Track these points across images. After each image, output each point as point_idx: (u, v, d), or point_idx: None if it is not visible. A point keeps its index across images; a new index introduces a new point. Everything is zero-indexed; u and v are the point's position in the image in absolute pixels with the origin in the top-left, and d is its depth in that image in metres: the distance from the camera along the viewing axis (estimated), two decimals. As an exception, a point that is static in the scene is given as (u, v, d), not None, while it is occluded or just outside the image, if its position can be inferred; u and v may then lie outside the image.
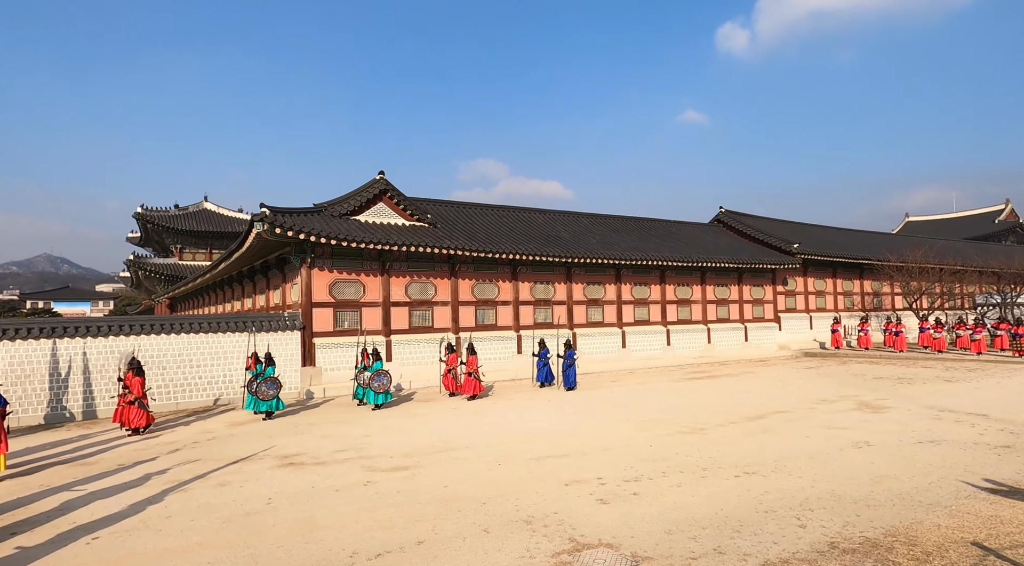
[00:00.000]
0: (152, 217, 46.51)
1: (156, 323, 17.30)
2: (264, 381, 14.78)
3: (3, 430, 9.74)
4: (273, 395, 14.82)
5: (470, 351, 17.56)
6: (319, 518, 7.19)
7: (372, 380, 15.72)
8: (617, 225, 31.82)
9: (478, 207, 28.11)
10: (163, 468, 9.91)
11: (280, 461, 10.23)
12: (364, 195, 22.04)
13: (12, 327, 15.62)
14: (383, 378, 15.84)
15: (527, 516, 7.04)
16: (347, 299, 20.65)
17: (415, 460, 10.01)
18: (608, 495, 7.76)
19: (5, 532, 6.99)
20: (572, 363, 19.02)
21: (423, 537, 6.46)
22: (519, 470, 9.18)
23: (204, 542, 6.50)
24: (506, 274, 24.26)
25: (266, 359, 15.62)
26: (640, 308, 28.11)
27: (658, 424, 12.71)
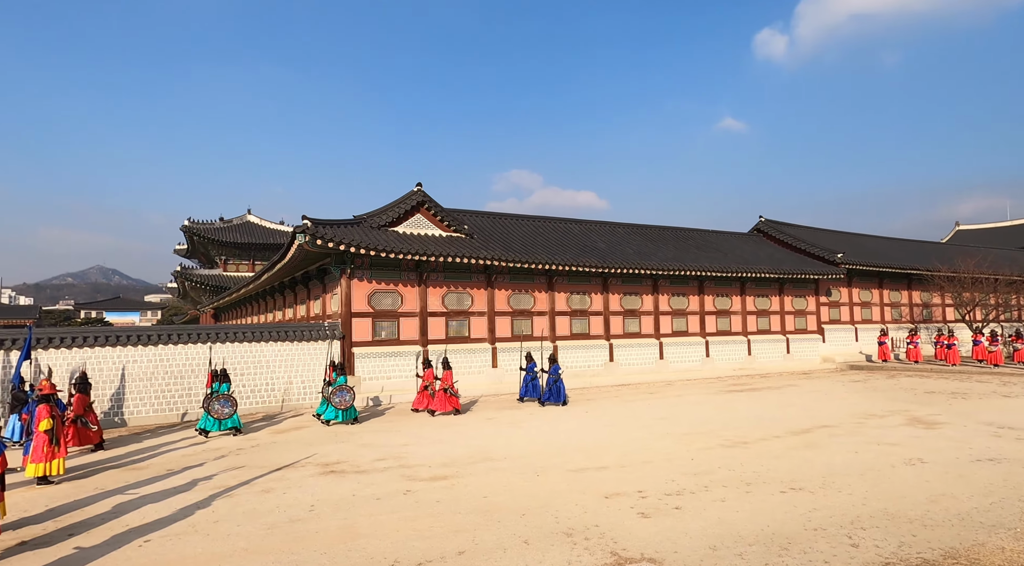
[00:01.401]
0: (198, 229, 48.05)
1: (201, 332, 17.82)
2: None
3: (63, 435, 10.14)
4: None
5: (444, 366, 16.97)
6: (361, 526, 7.25)
7: (333, 395, 15.10)
8: (654, 235, 31.51)
9: (514, 217, 28.22)
10: (210, 474, 10.16)
11: (322, 469, 10.38)
12: (402, 206, 22.36)
13: (69, 335, 16.31)
14: (345, 394, 15.18)
15: (567, 528, 6.97)
16: (385, 309, 20.93)
17: (453, 470, 10.03)
18: (649, 509, 7.63)
19: (63, 533, 7.26)
20: (558, 378, 18.18)
21: (463, 547, 6.46)
22: (558, 482, 9.11)
23: (250, 547, 6.62)
24: (542, 284, 24.24)
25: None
26: (678, 319, 27.70)
27: (699, 437, 12.47)
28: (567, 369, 23.95)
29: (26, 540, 7.03)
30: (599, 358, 25.03)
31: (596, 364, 24.87)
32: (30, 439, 10.14)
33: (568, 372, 23.89)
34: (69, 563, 6.27)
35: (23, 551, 6.66)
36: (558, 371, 18.26)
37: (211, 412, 13.97)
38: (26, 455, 10.18)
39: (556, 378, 18.09)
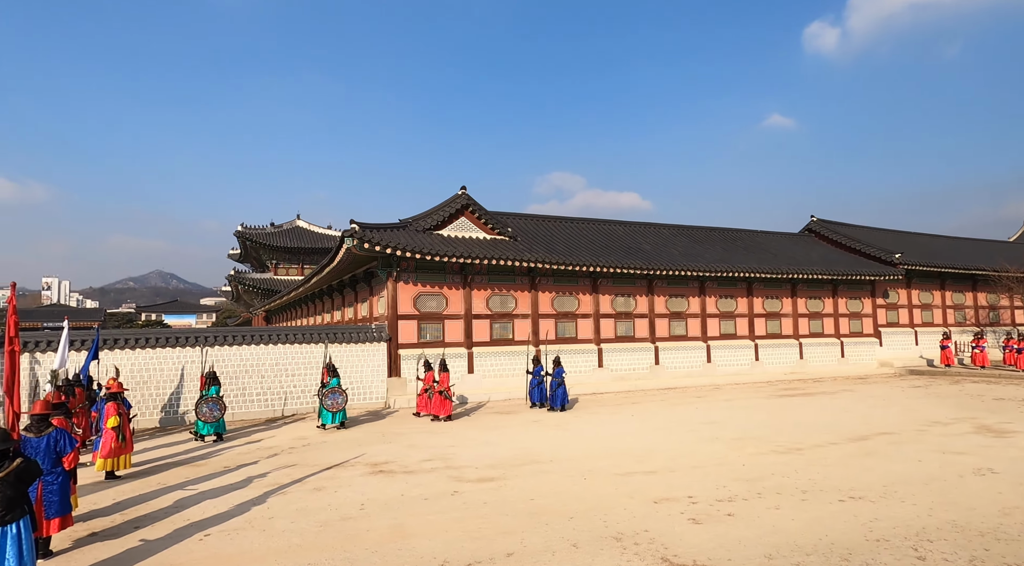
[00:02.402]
0: (250, 235, 49.65)
1: (255, 334, 18.39)
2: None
3: (129, 431, 10.61)
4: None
5: (442, 368, 16.74)
6: (410, 526, 7.34)
7: (326, 397, 15.08)
8: (700, 236, 30.93)
9: (557, 219, 28.14)
10: (263, 472, 10.46)
11: (371, 468, 10.56)
12: (446, 210, 22.59)
13: (132, 337, 17.08)
14: (337, 396, 15.12)
15: (616, 533, 6.89)
16: (430, 311, 21.16)
17: (500, 472, 10.05)
18: (700, 515, 7.47)
19: (130, 525, 7.59)
20: (562, 381, 17.74)
21: (512, 549, 6.45)
22: (605, 485, 9.01)
23: (304, 544, 6.78)
24: (586, 287, 24.09)
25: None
26: (726, 322, 27.08)
27: (750, 442, 12.15)
28: (611, 372, 23.75)
29: (96, 531, 7.38)
30: (644, 361, 24.69)
31: (641, 367, 24.54)
32: (99, 436, 10.64)
33: (612, 375, 23.69)
34: (135, 554, 6.54)
35: (94, 542, 7.00)
36: (562, 374, 17.80)
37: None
38: (95, 451, 10.68)
39: (560, 382, 17.63)
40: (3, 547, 5.17)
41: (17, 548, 5.24)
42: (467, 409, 18.41)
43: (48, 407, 7.35)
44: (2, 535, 5.19)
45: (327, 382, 15.50)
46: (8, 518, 5.25)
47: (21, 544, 5.28)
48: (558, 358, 18.48)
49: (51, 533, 6.70)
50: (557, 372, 17.78)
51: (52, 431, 7.02)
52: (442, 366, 16.77)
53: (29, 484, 5.54)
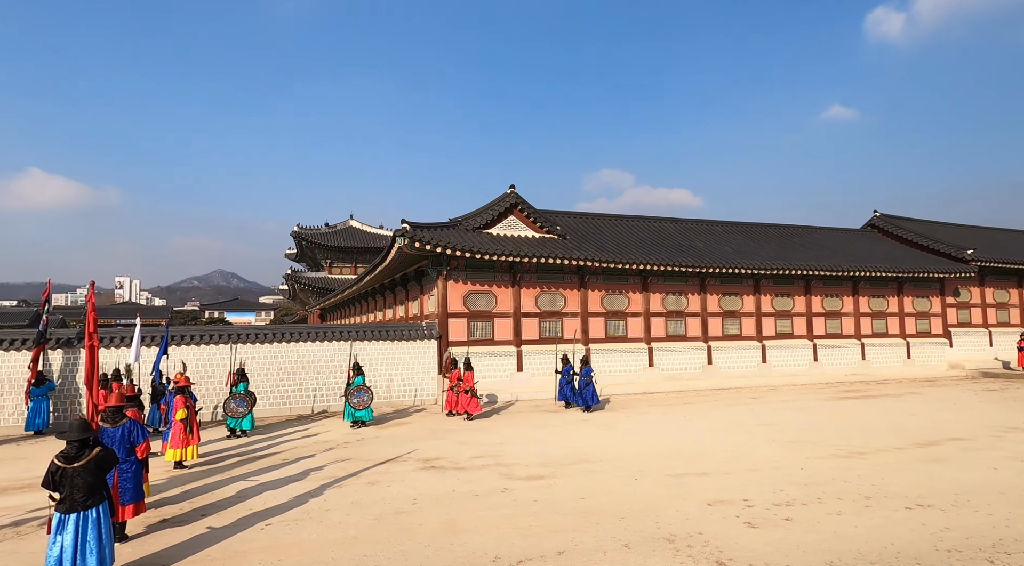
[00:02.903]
0: (306, 235, 51.19)
1: (310, 331, 18.97)
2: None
3: (196, 423, 11.13)
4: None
5: (466, 367, 16.67)
6: (461, 521, 7.43)
7: (351, 395, 15.15)
8: (755, 233, 30.08)
9: (606, 217, 27.89)
10: (320, 465, 10.78)
11: (422, 464, 10.74)
12: (495, 209, 22.72)
13: (197, 333, 17.89)
14: (363, 394, 15.17)
15: (669, 534, 6.79)
16: (480, 310, 21.32)
17: (550, 470, 10.05)
18: (757, 518, 7.28)
19: (197, 513, 7.96)
20: (590, 381, 17.37)
21: (563, 548, 6.45)
22: (657, 486, 8.89)
23: (359, 536, 6.96)
24: (636, 285, 23.79)
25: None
26: (782, 321, 26.26)
27: (808, 445, 11.74)
28: (662, 371, 23.39)
29: (167, 518, 7.78)
30: (696, 361, 24.21)
31: (693, 367, 24.07)
32: (168, 427, 11.19)
33: (663, 375, 23.32)
34: (202, 541, 6.86)
35: (165, 528, 7.38)
36: (590, 373, 17.43)
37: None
38: (165, 441, 11.24)
39: (588, 381, 17.29)
40: (85, 530, 5.51)
41: (97, 531, 5.57)
42: (517, 407, 18.48)
43: (123, 399, 7.79)
44: (84, 519, 5.54)
45: (352, 380, 15.57)
46: (89, 503, 5.59)
47: (101, 527, 5.62)
48: (586, 357, 18.07)
49: (126, 518, 7.10)
50: (585, 371, 17.44)
51: (126, 422, 7.44)
52: (467, 365, 16.82)
53: (107, 471, 5.89)
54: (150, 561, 6.27)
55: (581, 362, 17.76)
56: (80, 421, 5.97)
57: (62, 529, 5.48)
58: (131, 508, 7.18)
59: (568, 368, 18.00)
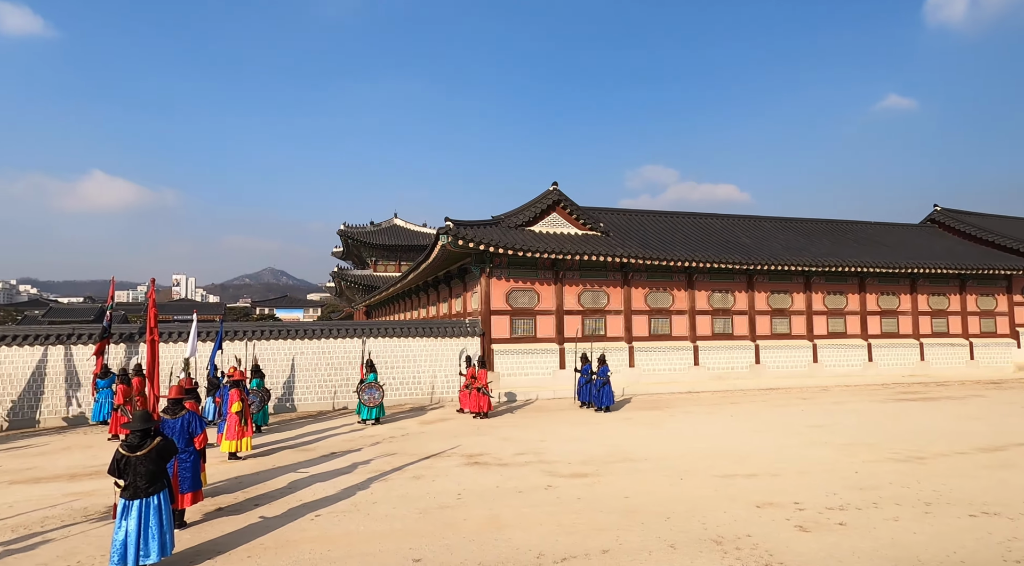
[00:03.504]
0: (352, 233, 52.23)
1: (356, 328, 19.35)
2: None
3: (249, 416, 11.51)
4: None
5: (480, 365, 16.54)
6: (505, 517, 7.46)
7: (362, 392, 15.07)
8: (806, 229, 29.18)
9: (650, 214, 27.53)
10: (367, 459, 11.00)
11: (466, 460, 10.83)
12: (538, 206, 22.69)
13: (249, 329, 18.49)
14: (374, 391, 15.07)
15: (716, 536, 6.66)
16: (522, 307, 21.35)
17: (593, 468, 9.99)
18: (808, 522, 7.07)
19: (250, 503, 8.24)
20: (607, 380, 17.03)
21: (607, 546, 6.41)
22: (704, 487, 8.74)
23: (405, 529, 7.07)
24: (681, 282, 23.40)
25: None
26: (834, 320, 25.41)
27: (863, 448, 11.34)
28: (708, 370, 22.96)
29: (222, 506, 8.07)
30: (743, 360, 23.67)
31: (740, 366, 23.54)
32: (223, 420, 11.61)
33: (709, 374, 22.89)
34: (256, 529, 7.10)
35: (220, 516, 7.66)
36: (606, 373, 17.12)
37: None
38: (220, 433, 11.68)
39: (605, 381, 16.98)
40: (147, 515, 5.77)
41: (159, 517, 5.83)
42: (559, 405, 18.45)
43: (183, 392, 8.12)
44: (146, 505, 5.80)
45: (364, 377, 15.45)
46: (151, 490, 5.86)
47: (162, 514, 5.88)
48: (603, 357, 17.65)
49: (185, 506, 7.40)
50: (602, 371, 17.14)
51: (186, 413, 7.75)
52: (480, 362, 16.86)
53: (167, 461, 6.15)
54: (207, 547, 6.52)
55: (598, 362, 17.40)
56: (142, 412, 6.26)
57: (126, 515, 5.75)
58: (190, 496, 7.48)
59: (587, 367, 17.78)
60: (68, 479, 9.93)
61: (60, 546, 6.66)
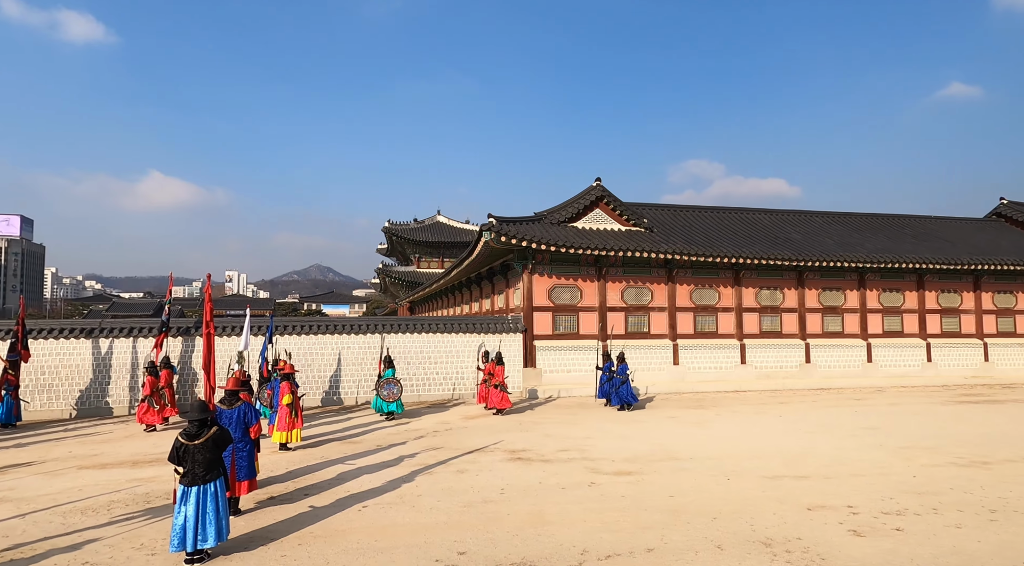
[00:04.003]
0: (396, 230, 53.03)
1: (401, 323, 19.66)
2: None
3: (299, 409, 11.85)
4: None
5: (497, 361, 16.28)
6: (548, 513, 7.47)
7: (381, 387, 15.18)
8: (860, 224, 28.16)
9: (696, 209, 27.03)
10: (412, 452, 11.17)
11: (509, 455, 10.88)
12: (581, 202, 22.57)
13: (298, 324, 19.00)
14: (392, 387, 15.18)
15: (765, 538, 6.51)
16: (565, 303, 21.29)
17: (637, 466, 9.90)
18: (863, 527, 6.84)
19: (300, 493, 8.48)
20: (626, 379, 16.64)
21: (652, 545, 6.34)
22: (751, 487, 8.55)
23: (450, 522, 7.16)
24: (728, 279, 22.91)
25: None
26: (891, 318, 24.44)
27: (921, 452, 10.88)
28: (755, 369, 22.44)
29: (274, 495, 8.34)
30: (793, 359, 23.02)
31: (789, 365, 22.91)
32: (275, 411, 11.98)
33: (756, 372, 22.37)
34: (306, 518, 7.30)
35: (272, 505, 7.91)
36: (625, 371, 16.78)
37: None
38: (271, 424, 12.05)
39: (624, 379, 16.65)
40: (205, 502, 6.01)
41: (215, 504, 6.07)
42: (602, 403, 18.33)
43: (238, 383, 8.41)
44: (204, 492, 6.04)
45: (382, 373, 15.60)
46: (208, 477, 6.10)
47: (218, 501, 6.11)
48: (622, 354, 17.38)
49: (240, 494, 7.67)
50: (621, 369, 16.81)
51: (241, 404, 8.03)
52: (498, 359, 16.58)
53: (223, 449, 6.39)
54: (260, 534, 6.75)
55: (617, 360, 17.12)
56: (199, 402, 6.51)
57: (185, 501, 6.00)
58: (245, 484, 7.75)
59: (609, 365, 17.49)
60: (131, 465, 10.43)
61: (126, 528, 7.00)
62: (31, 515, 7.58)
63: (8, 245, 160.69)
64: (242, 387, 8.92)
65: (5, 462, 10.86)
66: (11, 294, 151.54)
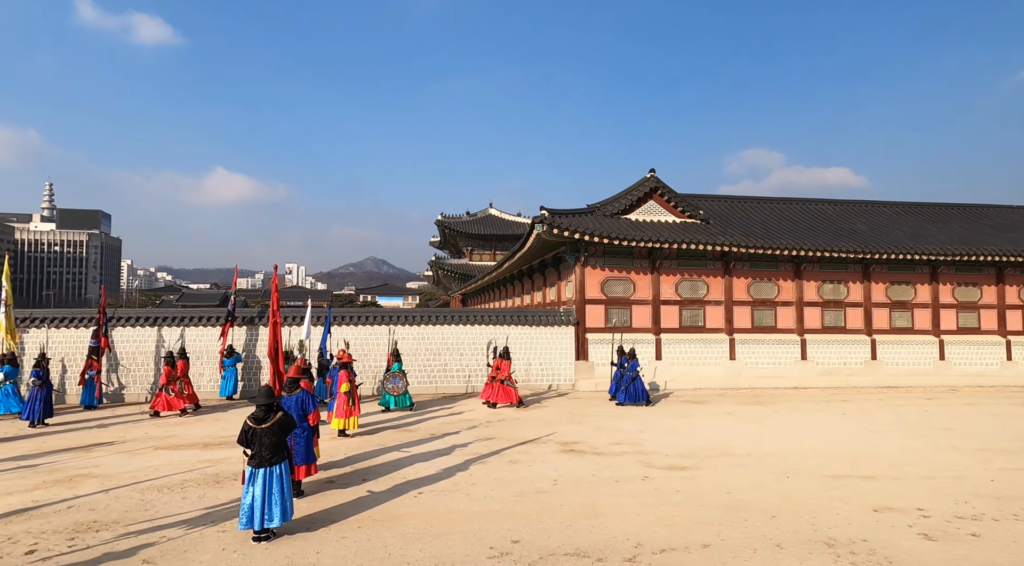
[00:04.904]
0: (448, 223, 53.67)
1: (453, 314, 19.91)
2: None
3: (357, 397, 12.19)
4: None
5: (503, 356, 15.83)
6: (601, 505, 7.45)
7: (387, 381, 15.10)
8: (932, 214, 26.70)
9: (754, 200, 26.23)
10: (465, 442, 11.33)
11: (561, 447, 10.89)
12: (634, 194, 22.25)
13: (355, 314, 19.52)
14: (397, 381, 15.07)
15: (828, 538, 6.31)
16: (617, 297, 21.07)
17: (692, 461, 9.74)
18: (935, 531, 6.52)
19: (358, 477, 8.75)
20: (637, 375, 16.12)
21: (708, 541, 6.24)
22: (812, 486, 8.28)
23: (503, 511, 7.24)
24: (788, 272, 22.15)
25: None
26: (966, 314, 23.10)
27: (1000, 455, 10.28)
28: (817, 365, 21.67)
29: (333, 479, 8.63)
30: (857, 355, 22.09)
31: (853, 362, 22.00)
32: (333, 399, 12.37)
33: (818, 369, 21.59)
34: (365, 502, 7.53)
35: (332, 488, 8.19)
36: (636, 368, 16.29)
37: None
38: (330, 411, 12.45)
39: (635, 376, 16.17)
40: (271, 483, 6.28)
41: (280, 485, 6.33)
42: (655, 397, 18.08)
43: (299, 371, 8.72)
44: (269, 474, 6.31)
45: (390, 366, 15.57)
46: (274, 460, 6.36)
47: (283, 483, 6.37)
48: (633, 350, 16.88)
49: (301, 477, 7.97)
50: (632, 365, 16.34)
51: (300, 392, 8.32)
52: (504, 354, 16.09)
53: (287, 433, 6.65)
54: (322, 516, 7.00)
55: (628, 356, 16.69)
56: (266, 388, 6.80)
57: (253, 481, 6.29)
58: (303, 469, 8.05)
59: (623, 360, 17.02)
60: (202, 447, 10.98)
61: (198, 506, 7.39)
62: (113, 491, 8.11)
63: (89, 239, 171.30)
64: (303, 375, 9.24)
65: (90, 441, 11.64)
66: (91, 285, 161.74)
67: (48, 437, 12.12)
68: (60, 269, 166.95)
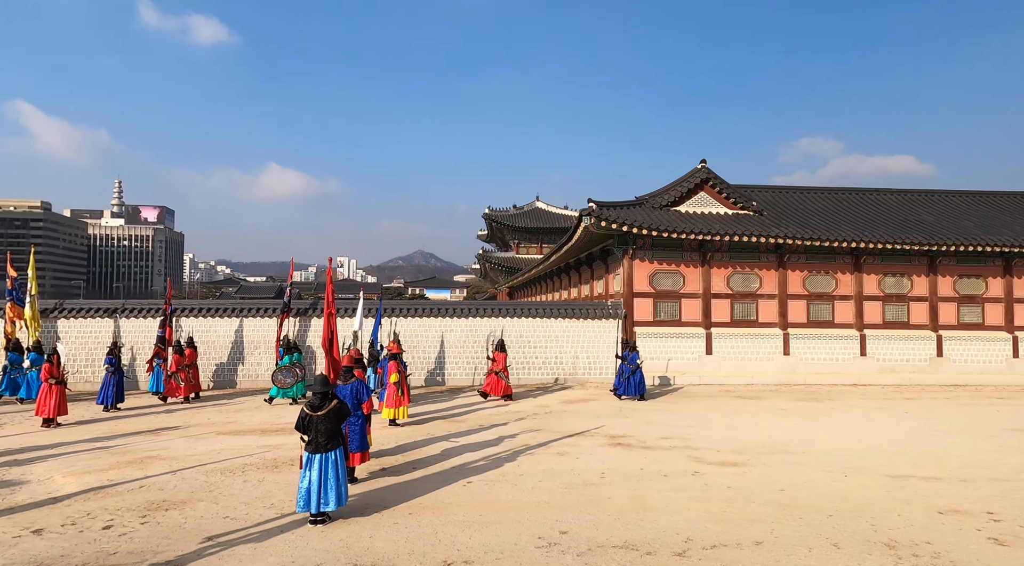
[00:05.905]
0: (495, 216, 53.87)
1: (501, 307, 20.02)
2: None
3: (407, 387, 12.45)
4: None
5: (499, 348, 15.60)
6: (650, 499, 7.39)
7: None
8: (1007, 204, 25.22)
9: (811, 191, 25.34)
10: (512, 433, 11.42)
11: (609, 440, 10.85)
12: (684, 185, 21.83)
13: (404, 307, 19.87)
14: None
15: (889, 539, 6.09)
16: (666, 290, 20.75)
17: (744, 458, 9.55)
18: (1006, 535, 6.21)
19: (408, 466, 8.94)
20: (637, 367, 15.65)
21: (761, 538, 6.12)
22: (872, 486, 8.00)
23: (551, 502, 7.28)
24: (846, 265, 21.34)
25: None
26: (1042, 308, 21.73)
27: (1079, 459, 9.67)
28: (877, 362, 20.84)
29: (385, 467, 8.85)
30: (921, 352, 21.11)
31: (917, 358, 21.04)
32: (383, 389, 12.65)
33: (879, 366, 20.76)
34: (416, 489, 7.70)
35: (384, 475, 8.41)
36: (636, 360, 15.85)
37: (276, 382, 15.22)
38: (381, 401, 12.74)
39: (635, 368, 15.75)
40: (327, 468, 6.50)
41: (335, 471, 6.54)
42: (705, 391, 17.78)
43: (352, 361, 8.96)
44: (325, 459, 6.53)
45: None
46: (330, 446, 6.58)
47: (338, 468, 6.58)
48: (633, 343, 16.59)
49: (355, 464, 8.21)
50: (632, 358, 15.98)
51: (355, 381, 8.55)
52: (499, 346, 15.99)
53: (342, 421, 6.86)
54: (374, 502, 7.20)
55: (629, 348, 16.39)
56: (321, 376, 7.03)
57: (309, 466, 6.51)
58: (357, 456, 8.28)
59: (626, 353, 16.63)
60: (260, 433, 11.43)
61: (256, 490, 7.71)
62: (180, 472, 8.54)
63: (154, 233, 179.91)
64: (356, 365, 9.49)
65: (157, 425, 12.28)
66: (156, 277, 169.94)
67: (120, 421, 12.84)
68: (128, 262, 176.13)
